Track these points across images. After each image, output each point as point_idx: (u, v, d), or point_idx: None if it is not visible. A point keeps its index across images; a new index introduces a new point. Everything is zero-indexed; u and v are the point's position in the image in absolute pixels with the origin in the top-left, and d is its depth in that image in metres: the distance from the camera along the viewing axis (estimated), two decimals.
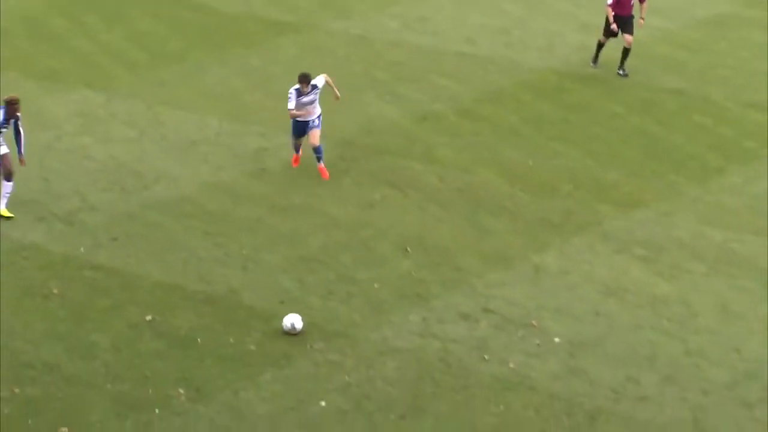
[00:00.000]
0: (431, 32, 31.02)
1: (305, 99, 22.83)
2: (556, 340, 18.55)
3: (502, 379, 17.49)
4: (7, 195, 21.37)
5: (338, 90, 23.57)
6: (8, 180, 21.41)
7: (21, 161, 21.73)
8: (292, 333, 18.24)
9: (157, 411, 16.32)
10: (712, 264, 21.36)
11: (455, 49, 29.83)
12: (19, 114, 21.45)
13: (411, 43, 30.27)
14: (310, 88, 22.91)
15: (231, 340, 18.26)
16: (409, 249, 21.26)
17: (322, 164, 23.18)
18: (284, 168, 23.83)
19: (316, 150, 23.22)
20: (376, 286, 19.98)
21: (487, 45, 30.17)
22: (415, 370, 17.64)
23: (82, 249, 20.47)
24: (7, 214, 21.22)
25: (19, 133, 21.63)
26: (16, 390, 16.58)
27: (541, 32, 31.11)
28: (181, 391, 16.81)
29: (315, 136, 23.04)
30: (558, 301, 19.74)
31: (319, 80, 23.11)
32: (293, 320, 18.31)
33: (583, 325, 19.09)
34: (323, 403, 16.77)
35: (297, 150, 23.59)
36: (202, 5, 32.61)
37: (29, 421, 15.97)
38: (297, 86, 22.94)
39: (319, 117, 23.15)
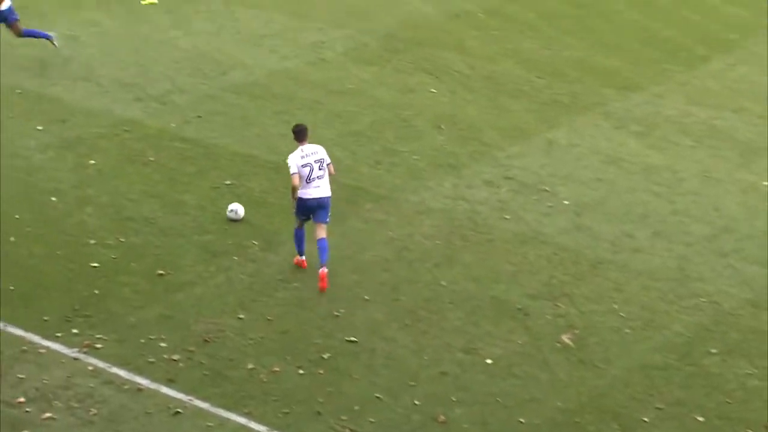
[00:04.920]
0: None
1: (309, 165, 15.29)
2: (565, 202, 18.47)
3: (519, 234, 17.41)
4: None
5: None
6: None
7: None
8: (236, 219, 15.97)
9: (235, 258, 16.34)
10: (696, 138, 21.18)
11: None
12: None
13: None
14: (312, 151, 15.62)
15: None
16: (442, 126, 21.04)
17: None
18: (338, 58, 23.53)
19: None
20: (415, 157, 19.81)
21: None
22: (447, 227, 17.53)
23: (172, 124, 20.29)
24: None
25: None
26: (122, 239, 16.65)
27: None
28: (255, 242, 16.76)
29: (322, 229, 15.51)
30: (567, 170, 19.59)
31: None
32: (235, 208, 16.18)
33: (588, 189, 18.98)
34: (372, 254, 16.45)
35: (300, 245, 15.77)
36: None
37: (132, 264, 16.07)
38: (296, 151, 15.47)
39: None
